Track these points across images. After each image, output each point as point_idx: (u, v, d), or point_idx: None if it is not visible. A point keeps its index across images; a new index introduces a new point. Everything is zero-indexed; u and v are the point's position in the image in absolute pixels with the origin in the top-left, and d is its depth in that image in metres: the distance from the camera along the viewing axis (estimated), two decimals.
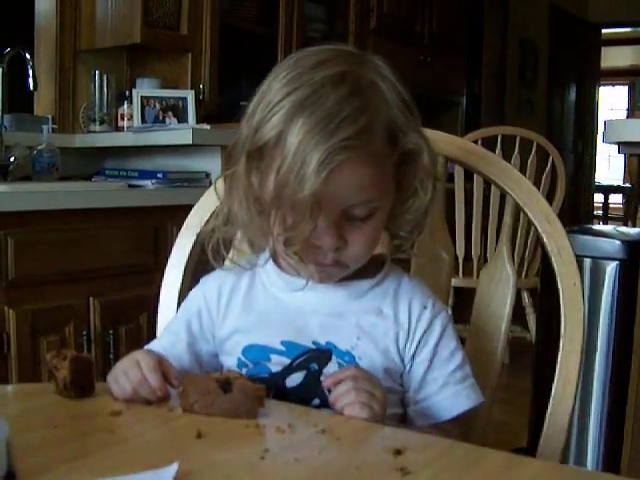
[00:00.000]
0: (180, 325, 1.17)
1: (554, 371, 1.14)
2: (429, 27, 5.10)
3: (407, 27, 4.88)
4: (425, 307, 1.11)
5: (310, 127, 0.93)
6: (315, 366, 1.06)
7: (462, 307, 1.27)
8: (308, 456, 0.81)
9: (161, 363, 1.00)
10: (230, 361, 1.11)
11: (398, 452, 0.80)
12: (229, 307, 1.14)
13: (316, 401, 1.05)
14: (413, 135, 1.03)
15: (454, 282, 3.55)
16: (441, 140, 1.27)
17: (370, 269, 1.12)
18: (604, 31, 8.32)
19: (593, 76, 8.41)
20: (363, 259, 1.06)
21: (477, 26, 5.99)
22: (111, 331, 2.62)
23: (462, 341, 1.22)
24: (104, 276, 2.64)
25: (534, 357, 2.57)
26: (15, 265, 2.37)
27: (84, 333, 2.56)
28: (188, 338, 1.15)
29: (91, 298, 2.59)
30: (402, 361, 1.09)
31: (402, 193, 1.06)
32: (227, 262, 1.16)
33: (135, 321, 2.68)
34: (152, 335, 1.24)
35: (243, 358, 1.09)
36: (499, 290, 1.24)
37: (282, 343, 1.08)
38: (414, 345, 1.09)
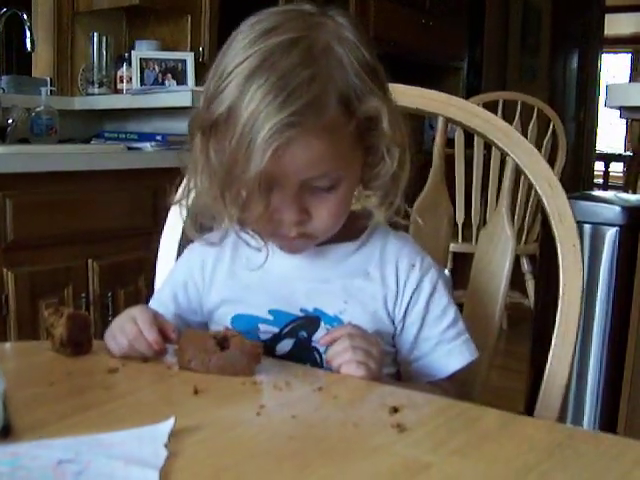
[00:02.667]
0: (167, 296, 1.16)
1: (552, 334, 1.14)
2: None
3: None
4: (413, 265, 1.09)
5: (258, 101, 0.90)
6: (304, 333, 1.06)
7: (461, 272, 1.26)
8: (305, 413, 0.81)
9: (158, 318, 1.00)
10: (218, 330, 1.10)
11: (395, 410, 0.80)
12: (214, 278, 1.14)
13: (307, 365, 1.05)
14: (373, 100, 0.98)
15: (453, 247, 3.56)
16: (441, 100, 1.26)
17: (353, 231, 1.10)
18: None
19: (596, 43, 8.34)
20: (331, 230, 1.04)
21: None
22: (110, 293, 2.63)
23: (460, 306, 1.21)
24: (103, 238, 2.64)
25: (533, 322, 2.58)
26: (13, 227, 2.36)
27: (83, 295, 2.56)
28: (175, 309, 1.15)
29: (90, 260, 2.59)
30: (392, 323, 1.08)
31: (371, 158, 1.03)
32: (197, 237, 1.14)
33: (134, 283, 2.68)
34: (151, 297, 1.24)
35: (232, 328, 1.08)
36: (498, 251, 1.23)
37: (270, 312, 1.07)
38: (404, 306, 1.08)
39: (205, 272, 1.14)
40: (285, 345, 1.06)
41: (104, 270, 2.62)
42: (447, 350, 1.08)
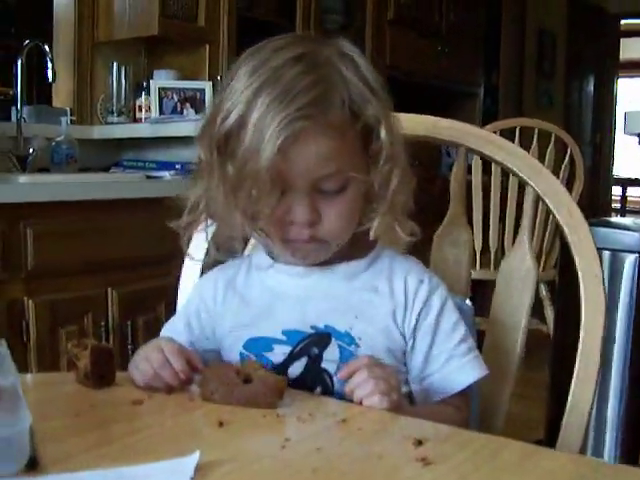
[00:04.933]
0: (180, 325, 1.18)
1: (572, 364, 1.13)
2: (447, 18, 5.07)
3: (424, 18, 4.85)
4: (422, 281, 1.10)
5: (268, 103, 0.95)
6: (315, 350, 1.07)
7: (479, 299, 1.26)
8: (329, 445, 0.81)
9: (183, 349, 1.02)
10: (232, 356, 1.11)
11: (419, 442, 0.80)
12: (226, 303, 1.15)
13: (318, 389, 1.06)
14: (372, 109, 1.02)
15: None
16: (459, 129, 1.27)
17: (362, 250, 1.12)
18: (623, 22, 8.25)
19: (612, 68, 8.34)
20: (341, 234, 1.07)
21: (495, 17, 5.96)
22: (129, 321, 2.64)
23: (480, 334, 1.22)
24: (122, 267, 2.65)
25: (552, 350, 2.57)
26: (34, 256, 2.38)
27: (102, 324, 2.57)
28: (189, 337, 1.15)
29: (109, 288, 2.60)
30: (403, 338, 1.09)
31: (374, 169, 1.05)
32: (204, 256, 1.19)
33: (153, 311, 2.69)
34: None
35: (245, 352, 1.09)
36: (519, 282, 1.23)
37: (283, 332, 1.08)
38: (413, 319, 1.08)
39: (217, 299, 1.16)
40: (297, 366, 1.07)
41: (123, 298, 2.63)
42: (459, 365, 1.09)
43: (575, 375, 1.12)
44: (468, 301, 1.24)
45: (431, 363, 1.09)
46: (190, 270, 1.32)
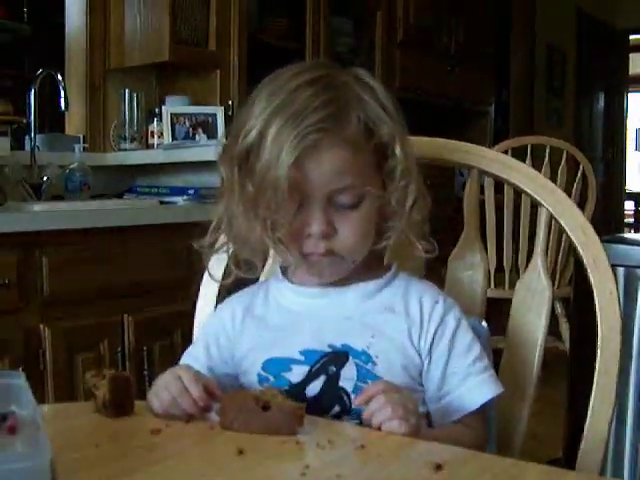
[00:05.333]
0: (199, 350, 1.19)
1: (590, 380, 1.13)
2: (456, 38, 5.09)
3: (434, 38, 4.87)
4: (437, 302, 1.12)
5: (284, 121, 1.00)
6: (333, 368, 1.07)
7: (494, 319, 1.26)
8: (350, 472, 0.81)
9: (202, 376, 1.03)
10: (249, 378, 1.12)
11: (439, 467, 0.80)
12: (244, 326, 1.17)
13: (336, 409, 1.06)
14: (387, 127, 1.07)
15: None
16: (470, 151, 1.27)
17: (379, 272, 1.15)
18: (632, 37, 8.26)
19: (621, 83, 8.35)
20: (356, 249, 1.09)
21: (504, 35, 5.97)
22: (145, 347, 2.64)
23: (497, 352, 1.21)
24: (137, 293, 2.65)
25: (568, 368, 2.55)
26: (49, 283, 2.39)
27: (118, 350, 2.57)
28: (208, 362, 1.16)
29: (125, 315, 2.61)
30: (419, 356, 1.09)
31: (390, 185, 1.09)
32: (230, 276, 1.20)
33: (169, 337, 2.69)
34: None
35: (263, 373, 1.10)
36: (535, 302, 1.23)
37: (301, 352, 1.09)
38: (429, 339, 1.10)
39: (235, 322, 1.18)
40: (315, 386, 1.07)
41: (139, 324, 2.63)
42: (475, 383, 1.09)
43: (593, 393, 1.11)
44: (484, 322, 1.24)
45: (447, 382, 1.09)
46: (208, 289, 1.33)
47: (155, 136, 3.41)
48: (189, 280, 1.30)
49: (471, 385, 1.09)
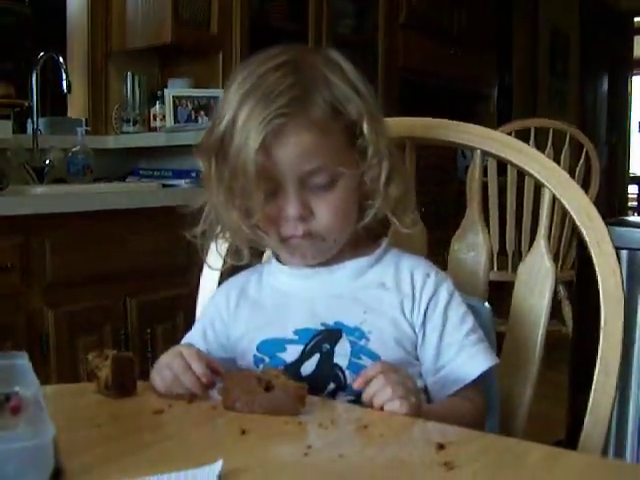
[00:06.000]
0: (197, 335, 1.20)
1: (592, 363, 1.13)
2: (458, 20, 5.07)
3: (436, 21, 4.85)
4: (428, 275, 1.13)
5: (252, 106, 1.02)
6: (327, 346, 1.08)
7: (496, 301, 1.26)
8: (352, 452, 0.81)
9: (204, 354, 1.04)
10: (246, 359, 1.13)
11: (441, 446, 0.80)
12: (238, 309, 1.18)
13: (332, 386, 1.07)
14: (354, 106, 1.07)
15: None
16: (476, 133, 1.27)
17: (369, 249, 1.16)
18: (636, 19, 8.21)
19: (626, 66, 8.31)
20: (335, 229, 1.10)
21: (507, 18, 5.95)
22: (148, 330, 2.64)
23: (500, 335, 1.21)
24: (140, 276, 2.66)
25: (571, 349, 2.55)
26: (52, 266, 2.40)
27: (121, 333, 2.58)
28: (205, 346, 1.17)
29: (127, 298, 2.61)
30: (413, 330, 1.10)
31: (364, 163, 1.09)
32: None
33: (171, 320, 2.70)
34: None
35: (258, 354, 1.11)
36: (538, 284, 1.22)
37: (295, 332, 1.10)
38: (422, 311, 1.10)
39: (230, 305, 1.19)
40: (310, 364, 1.08)
41: (142, 307, 2.64)
42: (471, 354, 1.09)
43: (596, 374, 1.11)
44: (486, 303, 1.23)
45: (443, 355, 1.10)
46: (208, 278, 1.33)
47: (157, 119, 3.40)
48: (191, 263, 1.30)
49: (466, 357, 1.09)
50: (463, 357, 1.09)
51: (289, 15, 3.84)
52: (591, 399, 1.11)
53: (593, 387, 1.12)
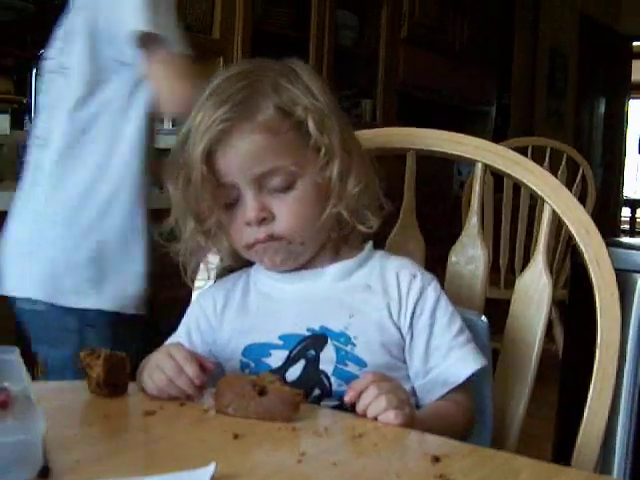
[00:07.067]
0: (182, 337, 1.18)
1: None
2: (460, 36, 5.08)
3: (438, 36, 4.86)
4: (414, 276, 1.12)
5: (204, 113, 1.05)
6: (312, 352, 1.07)
7: (488, 318, 1.25)
8: (346, 460, 0.80)
9: (194, 353, 1.02)
10: (232, 365, 1.12)
11: (436, 459, 0.79)
12: (225, 312, 1.17)
13: (317, 391, 1.06)
14: (302, 107, 1.08)
15: None
16: (477, 145, 1.27)
17: (354, 252, 1.16)
18: (635, 43, 8.25)
19: (623, 89, 8.34)
20: (298, 231, 1.10)
21: (508, 36, 5.96)
22: None
23: (494, 352, 1.20)
24: None
25: (561, 370, 2.55)
26: None
27: None
28: (190, 349, 1.15)
29: None
30: (400, 333, 1.09)
31: (320, 162, 1.10)
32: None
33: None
34: None
35: (244, 359, 1.11)
36: (535, 299, 1.22)
37: (280, 337, 1.09)
38: (409, 314, 1.09)
39: (217, 308, 1.18)
40: (295, 370, 1.07)
41: None
42: (460, 355, 1.09)
43: (591, 392, 1.11)
44: (483, 317, 1.23)
45: (431, 357, 1.09)
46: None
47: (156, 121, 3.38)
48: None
49: (455, 359, 1.08)
50: (452, 359, 1.08)
51: (292, 23, 3.84)
52: (585, 415, 1.11)
53: (587, 404, 1.11)
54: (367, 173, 1.13)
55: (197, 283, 1.25)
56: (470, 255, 1.28)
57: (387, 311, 1.09)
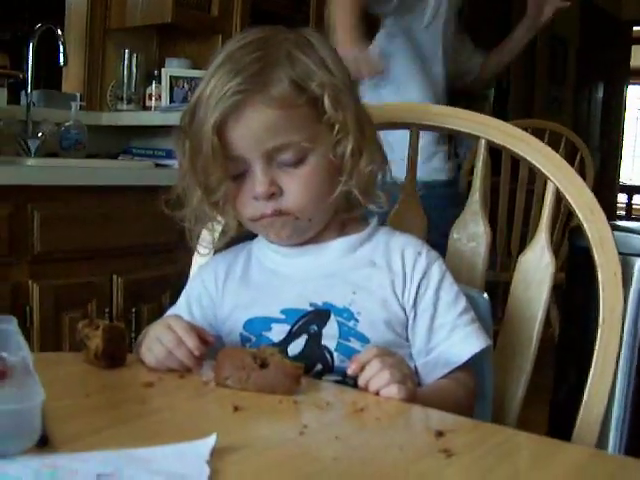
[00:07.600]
0: (182, 310, 1.17)
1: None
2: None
3: None
4: (419, 253, 1.11)
5: (216, 82, 1.02)
6: (315, 327, 1.06)
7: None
8: (348, 434, 0.79)
9: (193, 325, 1.01)
10: (233, 338, 1.11)
11: (440, 434, 0.78)
12: (226, 286, 1.16)
13: (319, 367, 1.05)
14: (318, 81, 1.05)
15: None
16: (480, 121, 1.26)
17: (357, 227, 1.15)
18: (635, 29, 8.22)
19: (622, 75, 8.32)
20: (306, 206, 1.08)
21: (506, 20, 5.93)
22: (133, 309, 2.61)
23: (495, 333, 1.20)
24: (128, 254, 2.63)
25: (556, 354, 2.55)
26: (40, 239, 2.36)
27: (107, 310, 2.54)
28: (191, 321, 1.14)
29: (114, 276, 2.58)
30: (404, 310, 1.08)
31: (333, 138, 1.08)
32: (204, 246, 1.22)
33: (157, 300, 2.66)
34: None
35: (245, 332, 1.10)
36: (537, 278, 1.21)
37: (282, 312, 1.08)
38: (413, 292, 1.09)
39: (218, 282, 1.17)
40: (297, 345, 1.07)
41: (128, 286, 2.61)
42: (463, 335, 1.08)
43: (592, 372, 1.10)
44: (485, 294, 1.22)
45: (435, 335, 1.08)
46: (198, 263, 1.31)
47: (153, 98, 3.36)
48: (179, 243, 1.27)
49: (458, 338, 1.07)
50: (455, 339, 1.07)
51: (291, 2, 3.82)
52: (586, 395, 1.10)
53: (588, 383, 1.10)
54: (379, 151, 1.12)
55: (200, 250, 1.23)
56: (472, 232, 1.27)
57: (391, 288, 1.08)
